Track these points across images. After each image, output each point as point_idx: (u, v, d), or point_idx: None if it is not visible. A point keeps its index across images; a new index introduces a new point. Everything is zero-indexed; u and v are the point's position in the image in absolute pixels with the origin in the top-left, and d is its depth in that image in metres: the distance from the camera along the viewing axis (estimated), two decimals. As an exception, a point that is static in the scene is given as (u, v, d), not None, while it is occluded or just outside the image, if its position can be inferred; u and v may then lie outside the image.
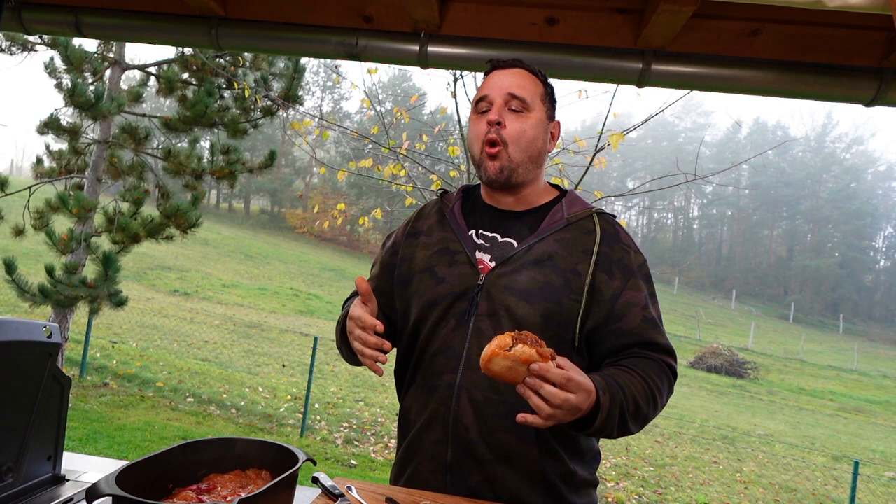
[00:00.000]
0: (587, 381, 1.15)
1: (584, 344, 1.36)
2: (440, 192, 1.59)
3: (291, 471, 1.12)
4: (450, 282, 1.39)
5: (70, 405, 6.59)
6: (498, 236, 1.43)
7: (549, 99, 1.46)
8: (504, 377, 1.12)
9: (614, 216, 1.48)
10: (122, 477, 1.04)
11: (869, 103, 1.91)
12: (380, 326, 1.25)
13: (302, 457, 1.19)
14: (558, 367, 1.11)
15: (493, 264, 1.38)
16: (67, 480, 1.29)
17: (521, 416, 1.12)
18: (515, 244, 1.40)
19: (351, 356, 1.45)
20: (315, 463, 1.23)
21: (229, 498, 1.13)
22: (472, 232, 1.45)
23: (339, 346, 1.53)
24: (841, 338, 38.19)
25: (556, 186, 1.54)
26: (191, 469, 1.20)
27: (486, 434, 1.32)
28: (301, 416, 7.61)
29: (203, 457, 1.23)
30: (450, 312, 1.38)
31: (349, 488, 1.28)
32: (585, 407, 1.15)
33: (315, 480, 1.31)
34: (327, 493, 1.25)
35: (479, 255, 1.41)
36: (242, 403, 8.02)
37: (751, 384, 18.95)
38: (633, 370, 1.29)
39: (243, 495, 1.04)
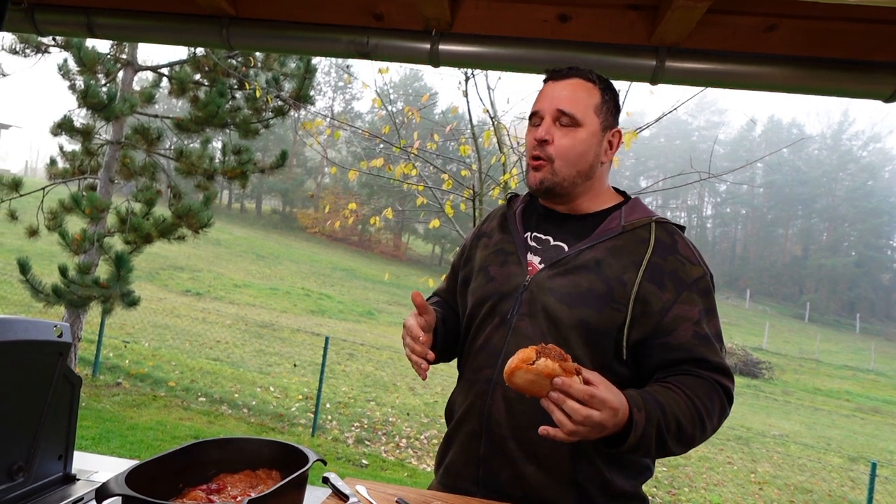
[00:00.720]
0: (615, 397, 1.12)
1: (631, 356, 1.32)
2: (510, 195, 1.63)
3: (301, 471, 1.11)
4: (499, 280, 1.42)
5: (83, 404, 6.68)
6: (550, 239, 1.44)
7: (608, 107, 1.43)
8: (527, 390, 1.11)
9: (679, 227, 1.43)
10: (131, 476, 1.03)
11: (888, 99, 1.87)
12: (424, 338, 1.36)
13: (312, 457, 1.18)
14: (586, 381, 1.10)
15: (541, 266, 1.39)
16: (78, 480, 1.29)
17: (543, 429, 1.11)
18: (566, 248, 1.40)
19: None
20: (325, 463, 1.22)
21: (239, 498, 1.12)
22: (528, 235, 1.47)
23: None
24: (857, 337, 37.76)
25: (622, 192, 1.53)
26: (201, 469, 1.20)
27: (516, 431, 1.32)
28: (312, 415, 7.63)
29: (213, 456, 1.22)
30: (496, 310, 1.40)
31: (359, 488, 1.27)
32: (611, 425, 1.12)
33: (325, 480, 1.30)
34: (337, 493, 1.25)
35: (530, 256, 1.43)
36: (254, 403, 8.06)
37: (765, 384, 18.79)
38: (678, 388, 1.24)
39: (253, 495, 1.04)
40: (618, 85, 1.57)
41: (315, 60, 7.35)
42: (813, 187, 57.93)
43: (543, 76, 1.47)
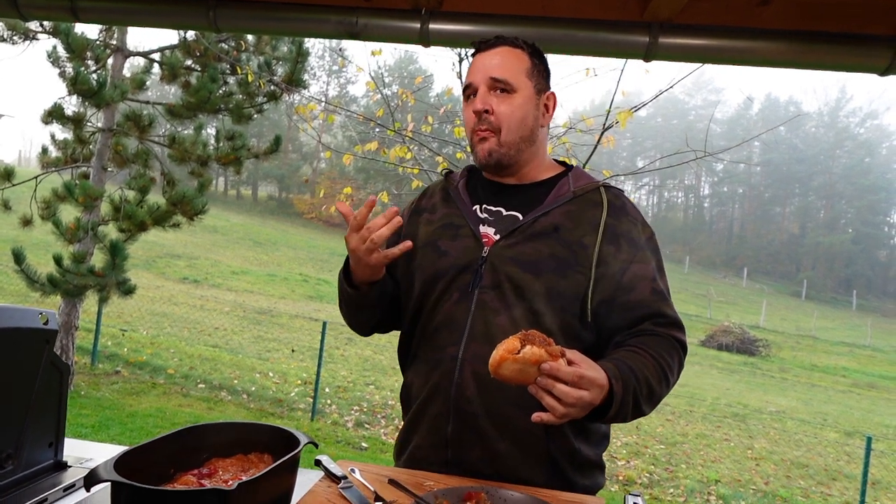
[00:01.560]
0: (599, 374, 1.13)
1: (593, 318, 1.34)
2: (445, 172, 1.59)
3: (292, 454, 1.11)
4: (453, 255, 1.39)
5: (82, 393, 6.70)
6: (502, 210, 1.42)
7: (538, 71, 1.42)
8: (515, 380, 1.10)
9: (621, 189, 1.46)
10: (121, 462, 1.03)
11: (884, 72, 1.84)
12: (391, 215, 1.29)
13: (303, 440, 1.18)
14: (570, 362, 1.10)
15: (497, 237, 1.37)
16: (70, 467, 1.28)
17: (536, 416, 1.11)
18: (520, 217, 1.39)
19: (353, 311, 1.48)
20: (317, 446, 1.22)
21: (230, 482, 1.12)
22: (477, 207, 1.45)
23: (346, 313, 1.52)
24: (854, 314, 37.94)
25: (562, 163, 1.52)
26: (193, 454, 1.20)
27: (489, 408, 1.31)
28: (311, 400, 7.66)
29: (205, 441, 1.22)
30: (453, 286, 1.37)
31: (352, 470, 1.27)
32: (599, 402, 1.14)
33: (318, 463, 1.30)
34: (330, 475, 1.24)
35: (483, 228, 1.40)
36: (253, 389, 8.08)
37: (762, 361, 18.89)
38: (644, 350, 1.27)
39: (244, 478, 1.03)
40: (613, 64, 1.56)
41: (308, 44, 7.27)
42: (810, 165, 57.85)
43: (477, 46, 1.45)
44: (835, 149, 58.06)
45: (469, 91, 1.41)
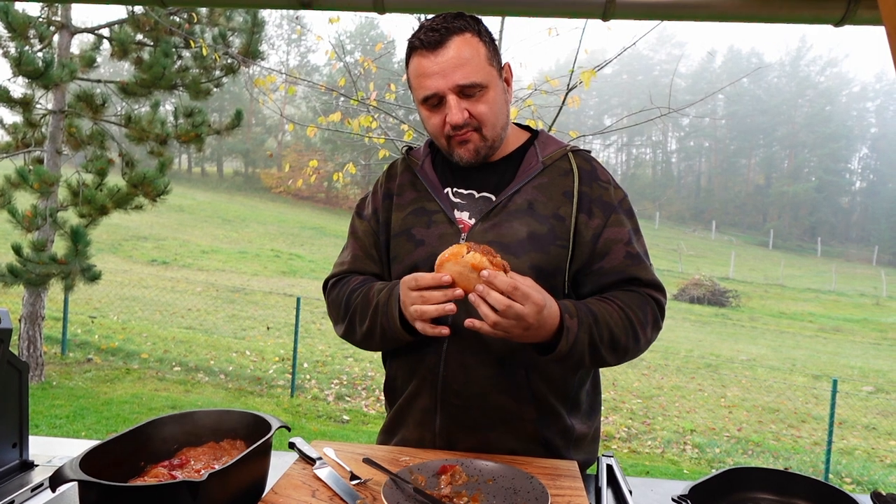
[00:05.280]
0: (540, 295, 1.12)
1: (572, 287, 1.33)
2: (405, 148, 1.51)
3: (263, 440, 1.10)
4: (429, 243, 1.33)
5: (54, 383, 6.60)
6: (474, 192, 1.37)
7: (492, 48, 1.30)
8: (457, 284, 1.14)
9: (589, 152, 1.42)
10: (86, 460, 1.01)
11: (838, 23, 1.84)
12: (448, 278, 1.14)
13: (275, 424, 1.17)
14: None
15: (472, 221, 1.34)
16: (37, 466, 1.26)
17: (469, 321, 1.12)
18: (493, 198, 1.35)
19: (387, 344, 1.34)
20: (289, 429, 1.21)
21: (202, 471, 1.11)
22: (448, 190, 1.39)
23: (376, 344, 1.38)
24: (819, 261, 39.04)
25: (526, 127, 1.47)
26: (163, 445, 1.18)
27: (478, 398, 1.29)
28: (290, 376, 7.66)
29: (174, 432, 1.20)
30: None
31: (327, 451, 1.27)
32: (534, 321, 1.10)
33: (292, 446, 1.29)
34: (305, 457, 1.24)
35: (457, 213, 1.35)
36: (231, 368, 8.04)
37: (733, 312, 19.38)
38: (611, 301, 1.27)
39: (217, 467, 1.02)
40: (576, 23, 1.51)
41: (264, 13, 7.05)
42: (773, 116, 58.63)
43: (416, 46, 1.28)
44: (797, 98, 58.90)
45: (433, 100, 1.28)
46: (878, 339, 16.82)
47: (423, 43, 1.26)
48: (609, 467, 1.31)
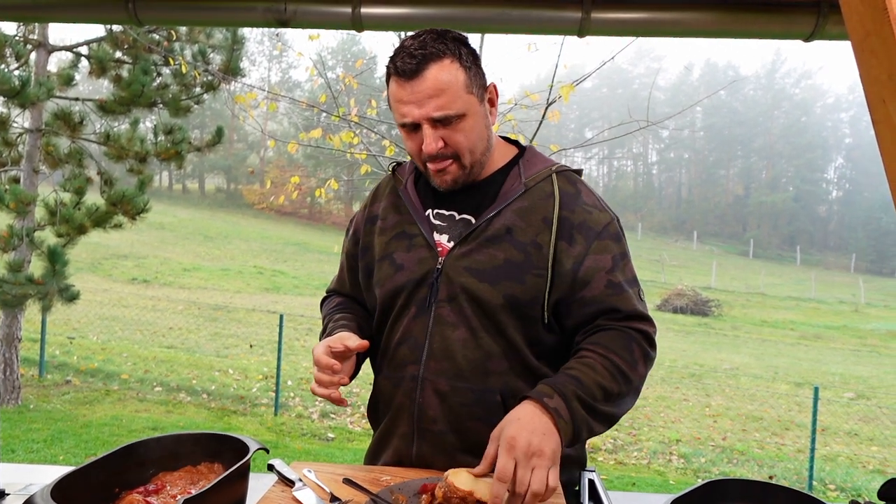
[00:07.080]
0: (502, 431, 1.08)
1: (553, 318, 1.29)
2: (392, 165, 1.49)
3: (240, 463, 1.09)
4: (408, 268, 1.31)
5: (31, 406, 6.47)
6: (455, 214, 1.34)
7: (474, 72, 1.25)
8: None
9: (578, 171, 1.38)
10: (58, 488, 0.98)
11: (808, 38, 1.89)
12: (337, 366, 1.23)
13: (253, 446, 1.15)
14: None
15: (451, 245, 1.30)
16: (8, 495, 1.23)
17: None
18: (473, 220, 1.31)
19: None
20: (268, 451, 1.19)
21: (178, 497, 1.09)
22: (429, 212, 1.36)
23: None
24: (799, 269, 39.59)
25: (515, 143, 1.43)
26: (139, 470, 1.16)
27: (453, 424, 1.27)
28: (274, 394, 7.57)
29: (150, 456, 1.18)
30: (411, 300, 1.31)
31: (306, 472, 1.25)
32: (523, 453, 1.04)
33: (270, 468, 1.27)
34: (284, 479, 1.22)
35: (436, 236, 1.32)
36: (213, 387, 7.94)
37: (715, 321, 19.53)
38: (592, 351, 1.21)
39: (194, 492, 1.00)
40: (555, 38, 1.52)
41: (244, 30, 7.04)
42: (750, 127, 59.62)
43: (397, 68, 1.23)
44: (773, 110, 59.98)
45: (409, 126, 1.25)
46: (858, 346, 17.05)
47: (398, 71, 1.23)
48: (591, 482, 1.30)
